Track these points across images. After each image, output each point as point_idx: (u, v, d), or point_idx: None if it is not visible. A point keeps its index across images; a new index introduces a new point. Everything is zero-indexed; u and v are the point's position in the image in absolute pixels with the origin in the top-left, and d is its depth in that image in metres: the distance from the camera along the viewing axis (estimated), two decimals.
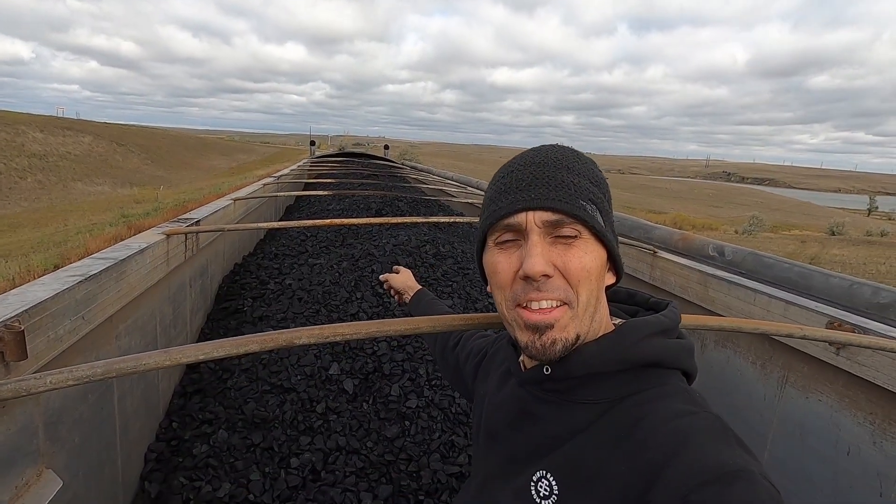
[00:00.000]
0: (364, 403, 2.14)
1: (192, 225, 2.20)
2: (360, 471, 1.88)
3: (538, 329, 0.57)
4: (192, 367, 2.45)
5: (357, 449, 1.97)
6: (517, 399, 0.67)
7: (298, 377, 2.21)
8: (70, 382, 0.66)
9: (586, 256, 0.57)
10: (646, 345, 0.58)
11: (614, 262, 0.62)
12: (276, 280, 2.97)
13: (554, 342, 0.57)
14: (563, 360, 0.59)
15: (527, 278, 0.56)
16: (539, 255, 0.55)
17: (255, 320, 2.65)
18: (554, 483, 0.56)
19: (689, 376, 0.61)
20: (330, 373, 2.23)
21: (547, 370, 0.61)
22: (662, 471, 0.47)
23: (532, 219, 0.56)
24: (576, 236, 0.57)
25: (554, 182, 0.57)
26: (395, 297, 1.36)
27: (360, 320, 2.52)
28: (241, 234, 3.68)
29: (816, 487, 1.66)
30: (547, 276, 0.56)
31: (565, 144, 0.64)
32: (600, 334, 0.61)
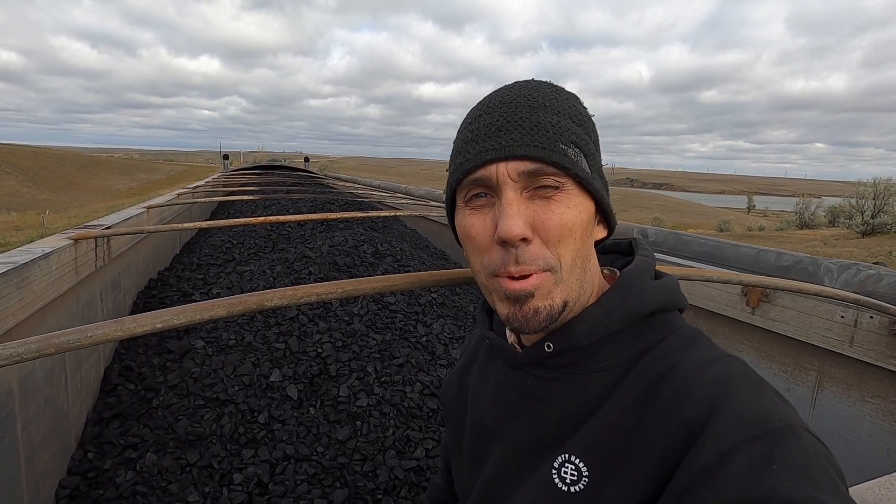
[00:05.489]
0: (311, 408, 2.03)
1: (104, 229, 1.98)
2: (311, 478, 1.78)
3: (518, 299, 0.50)
4: (107, 391, 2.19)
5: (307, 455, 1.86)
6: (514, 385, 0.58)
7: (236, 388, 2.05)
8: None
9: (568, 212, 0.49)
10: (648, 294, 0.53)
11: (604, 213, 0.55)
12: (202, 291, 2.75)
13: (536, 311, 0.50)
14: (566, 331, 0.53)
15: (504, 243, 0.49)
16: (515, 214, 0.48)
17: (181, 334, 2.43)
18: (582, 466, 0.49)
19: (681, 311, 0.57)
20: (271, 380, 2.10)
21: (549, 347, 0.53)
22: (705, 425, 0.42)
23: (505, 171, 0.49)
24: (558, 188, 0.49)
25: (529, 124, 0.49)
26: None
27: (300, 323, 2.41)
28: (155, 247, 3.38)
29: None
30: (526, 239, 0.49)
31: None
32: (594, 293, 0.55)
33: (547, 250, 0.49)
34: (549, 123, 0.50)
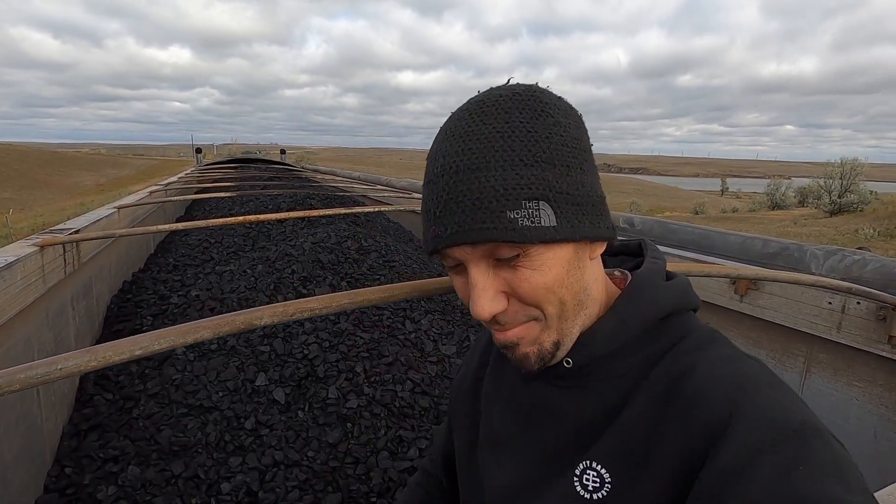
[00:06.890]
0: (299, 412, 1.98)
1: (72, 234, 1.88)
2: (303, 483, 1.73)
3: (506, 347, 0.51)
4: (83, 402, 2.10)
5: (297, 461, 1.81)
6: (532, 394, 0.57)
7: (220, 393, 1.99)
8: None
9: (535, 275, 0.46)
10: (662, 298, 0.53)
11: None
12: (180, 293, 2.65)
13: (526, 356, 0.51)
14: (583, 344, 0.52)
15: None
16: (482, 295, 0.47)
17: None
18: (605, 472, 0.49)
19: (695, 311, 0.56)
20: (256, 384, 2.03)
21: (568, 363, 0.53)
22: (726, 427, 0.41)
23: (462, 253, 0.47)
24: (517, 255, 0.46)
25: (470, 197, 0.44)
26: None
27: (285, 324, 2.34)
28: (128, 248, 3.25)
29: None
30: (496, 314, 0.48)
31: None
32: (604, 303, 0.54)
33: (527, 307, 0.49)
34: (492, 189, 0.44)
